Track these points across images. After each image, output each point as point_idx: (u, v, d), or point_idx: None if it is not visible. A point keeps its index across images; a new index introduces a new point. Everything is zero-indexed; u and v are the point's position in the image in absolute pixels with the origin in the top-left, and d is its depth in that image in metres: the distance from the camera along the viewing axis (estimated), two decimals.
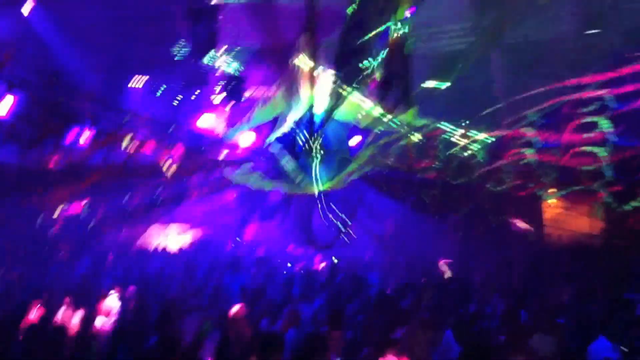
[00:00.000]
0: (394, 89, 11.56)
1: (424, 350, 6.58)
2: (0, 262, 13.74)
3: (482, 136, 13.29)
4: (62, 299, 10.19)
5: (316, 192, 15.72)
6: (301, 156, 14.37)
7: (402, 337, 7.16)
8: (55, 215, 14.15)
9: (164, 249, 18.72)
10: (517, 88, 12.45)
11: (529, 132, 12.66)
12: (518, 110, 12.79)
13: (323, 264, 15.28)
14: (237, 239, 18.57)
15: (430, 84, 12.71)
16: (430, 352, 6.71)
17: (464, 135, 13.46)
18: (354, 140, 14.97)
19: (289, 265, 15.65)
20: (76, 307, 9.60)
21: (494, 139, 13.33)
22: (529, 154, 12.83)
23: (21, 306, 9.54)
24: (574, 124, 12.28)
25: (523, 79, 12.37)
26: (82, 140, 10.11)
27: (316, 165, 14.54)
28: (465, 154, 13.56)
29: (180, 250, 19.10)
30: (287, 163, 14.44)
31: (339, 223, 16.81)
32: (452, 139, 13.62)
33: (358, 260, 16.41)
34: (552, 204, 15.21)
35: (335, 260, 14.83)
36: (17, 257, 14.09)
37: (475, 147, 13.40)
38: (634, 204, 12.38)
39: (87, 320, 9.03)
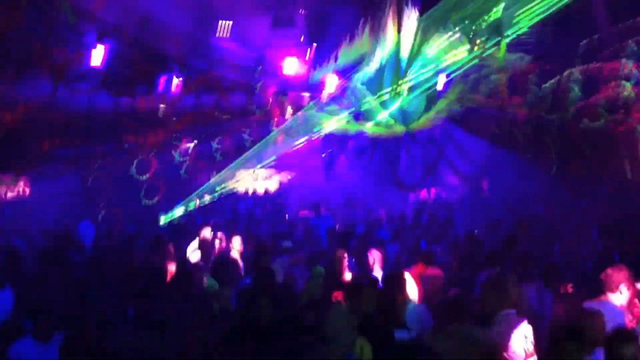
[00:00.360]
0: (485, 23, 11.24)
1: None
2: (99, 204, 14.36)
3: (578, 69, 12.73)
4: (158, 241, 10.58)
5: (403, 132, 15.60)
6: (388, 96, 14.20)
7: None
8: (148, 159, 14.55)
9: (253, 192, 19.09)
10: (618, 18, 11.84)
11: (629, 64, 12.04)
12: (617, 40, 12.18)
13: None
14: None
15: (522, 18, 12.24)
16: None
17: (558, 69, 12.93)
18: (442, 78, 14.64)
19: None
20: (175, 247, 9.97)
21: (591, 72, 12.76)
22: (629, 86, 12.23)
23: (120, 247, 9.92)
24: None
25: (623, 7, 11.73)
26: (173, 85, 10.28)
27: (403, 105, 14.37)
28: (560, 88, 13.05)
29: (268, 192, 19.41)
30: (373, 103, 14.31)
31: (427, 163, 16.69)
32: (546, 73, 13.12)
33: (446, 200, 16.29)
34: None
35: None
36: (114, 201, 14.67)
37: (571, 80, 12.87)
38: None
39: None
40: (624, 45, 12.23)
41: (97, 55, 9.95)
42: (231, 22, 15.99)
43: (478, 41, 11.50)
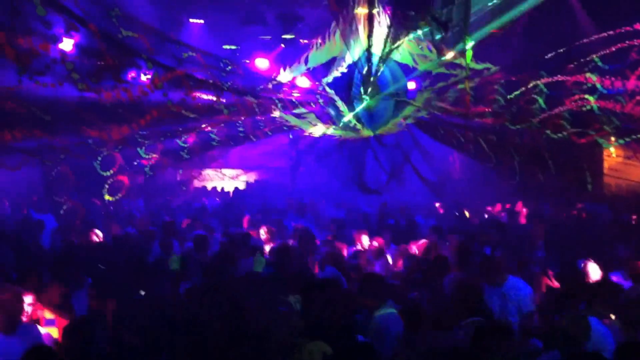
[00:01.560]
0: (452, 31, 11.32)
1: None
2: (61, 198, 14.19)
3: (543, 81, 12.95)
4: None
5: (369, 137, 15.65)
6: (356, 99, 14.24)
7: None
8: (113, 155, 14.42)
9: (221, 191, 19.07)
10: (583, 32, 12.07)
11: (593, 78, 12.28)
12: (582, 54, 12.41)
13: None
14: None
15: (489, 27, 12.38)
16: None
17: (524, 80, 13.14)
18: (411, 84, 14.77)
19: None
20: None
21: (555, 84, 12.99)
22: (592, 100, 12.47)
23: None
24: None
25: (589, 22, 11.98)
26: (142, 76, 10.20)
27: (371, 109, 14.42)
28: (525, 99, 13.26)
29: (236, 192, 19.40)
30: (342, 106, 14.34)
31: (392, 168, 16.78)
32: (512, 84, 13.32)
33: (409, 205, 16.46)
34: (612, 153, 14.89)
35: None
36: (77, 194, 14.51)
37: (535, 92, 13.08)
38: None
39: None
40: (588, 60, 12.47)
41: (64, 48, 9.83)
42: (202, 21, 15.98)
43: (445, 49, 11.60)
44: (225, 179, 20.52)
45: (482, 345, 4.83)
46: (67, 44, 9.90)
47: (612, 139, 13.53)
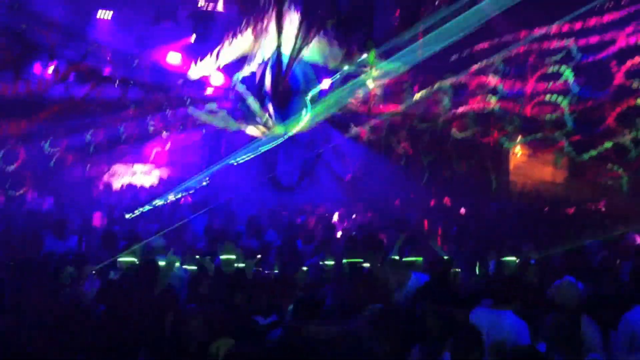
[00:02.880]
0: (359, 30, 11.52)
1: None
2: None
3: (447, 82, 13.32)
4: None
5: (282, 134, 15.71)
6: (267, 97, 14.28)
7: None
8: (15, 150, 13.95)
9: (128, 187, 18.66)
10: (484, 35, 12.45)
11: (494, 80, 12.73)
12: (485, 57, 12.83)
13: None
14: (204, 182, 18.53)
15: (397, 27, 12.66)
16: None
17: (430, 80, 13.48)
18: (323, 83, 14.90)
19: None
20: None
21: (459, 85, 13.38)
22: (494, 101, 12.92)
23: None
24: (539, 72, 12.38)
25: (489, 26, 12.36)
26: (44, 71, 9.95)
27: (282, 107, 14.49)
28: (431, 99, 13.61)
29: (145, 188, 19.04)
30: (253, 103, 14.36)
31: (305, 165, 16.89)
32: (419, 84, 13.63)
33: (322, 202, 16.57)
34: (515, 152, 15.45)
35: None
36: None
37: (441, 92, 13.44)
38: (592, 153, 12.61)
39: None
40: (491, 61, 12.90)
41: None
42: (111, 12, 15.60)
43: (353, 48, 11.80)
44: (137, 175, 20.12)
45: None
46: None
47: (515, 138, 14.01)
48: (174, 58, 15.13)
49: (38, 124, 11.63)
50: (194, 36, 14.89)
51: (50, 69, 9.80)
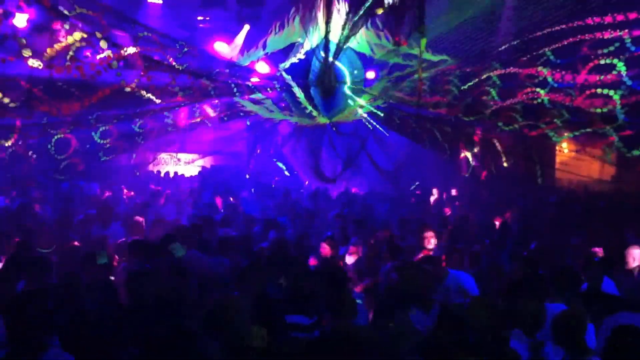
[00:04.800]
0: (408, 20, 11.42)
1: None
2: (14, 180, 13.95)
3: (496, 73, 13.13)
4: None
5: (327, 124, 15.74)
6: (313, 86, 14.30)
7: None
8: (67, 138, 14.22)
9: (175, 175, 18.90)
10: (535, 25, 12.23)
11: (544, 71, 12.49)
12: (535, 48, 12.60)
13: None
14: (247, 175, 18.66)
15: (446, 17, 12.51)
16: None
17: (477, 72, 13.30)
18: (369, 73, 14.86)
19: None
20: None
21: (508, 77, 13.17)
22: (543, 93, 12.69)
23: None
24: (590, 64, 12.11)
25: (541, 15, 12.13)
26: (97, 55, 10.08)
27: (328, 97, 14.49)
28: (478, 90, 13.43)
29: (191, 177, 19.26)
30: (299, 93, 14.38)
31: (348, 156, 16.91)
32: (466, 76, 13.46)
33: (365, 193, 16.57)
34: (563, 146, 15.19)
35: None
36: (31, 177, 14.26)
37: (488, 84, 13.26)
38: None
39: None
40: (540, 53, 12.66)
41: (17, 24, 9.66)
42: (161, 1, 15.77)
43: (401, 39, 11.70)
44: (181, 164, 20.38)
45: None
46: (20, 20, 9.71)
47: (563, 132, 13.75)
48: (221, 46, 15.24)
49: (90, 109, 11.80)
50: (246, 27, 14.95)
51: (104, 54, 9.90)
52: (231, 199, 14.31)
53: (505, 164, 15.26)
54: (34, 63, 9.34)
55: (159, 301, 5.37)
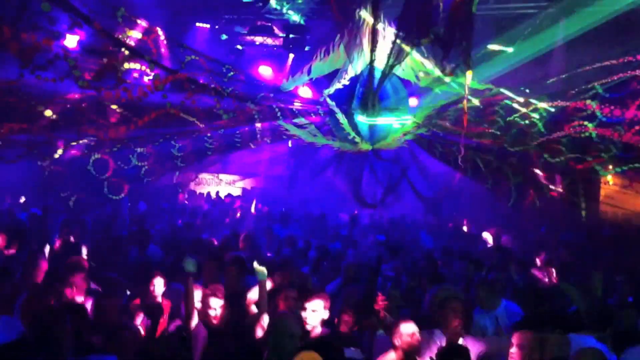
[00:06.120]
0: (455, 49, 11.33)
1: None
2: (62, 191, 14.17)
3: (543, 105, 12.96)
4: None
5: (369, 150, 15.66)
6: (357, 112, 14.26)
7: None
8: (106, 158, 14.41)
9: (215, 197, 19.04)
10: (585, 58, 12.07)
11: (593, 105, 12.29)
12: (583, 81, 12.42)
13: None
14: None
15: (494, 47, 12.41)
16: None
17: (524, 103, 13.14)
18: (413, 101, 14.79)
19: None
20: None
21: (555, 109, 12.99)
22: (591, 127, 12.47)
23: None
24: None
25: (592, 48, 11.97)
26: (145, 78, 10.22)
27: (371, 123, 14.43)
28: (525, 122, 13.26)
29: (231, 198, 19.38)
30: (342, 118, 14.35)
31: (389, 182, 16.77)
32: (512, 106, 13.31)
33: (405, 221, 16.43)
34: (609, 181, 14.90)
35: None
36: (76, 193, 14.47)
37: (535, 115, 13.08)
38: None
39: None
40: (589, 87, 12.48)
41: (68, 44, 9.87)
42: (209, 26, 16.02)
43: (447, 68, 11.60)
44: (222, 184, 20.52)
45: None
46: (70, 41, 9.93)
47: (610, 166, 13.50)
48: (265, 70, 15.36)
49: (137, 131, 11.97)
50: (291, 56, 15.08)
51: (150, 77, 10.04)
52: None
53: (549, 196, 15.01)
54: (83, 84, 9.48)
55: None
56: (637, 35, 12.39)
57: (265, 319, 6.55)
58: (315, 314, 6.62)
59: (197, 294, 6.99)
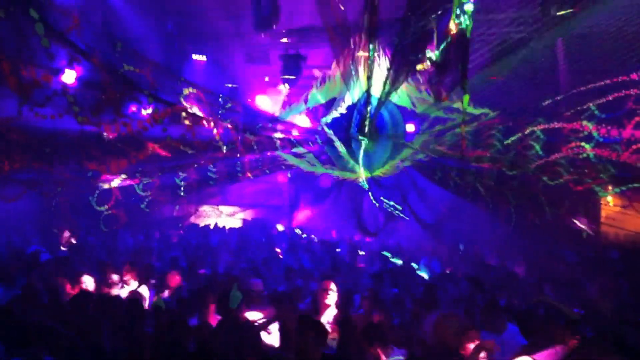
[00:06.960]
0: (450, 74, 11.41)
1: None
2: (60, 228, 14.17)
3: (540, 127, 13.02)
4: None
5: (367, 178, 15.70)
6: (355, 140, 14.34)
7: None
8: (110, 190, 14.45)
9: (215, 227, 18.98)
10: (580, 79, 12.14)
11: (589, 126, 12.34)
12: (579, 102, 12.49)
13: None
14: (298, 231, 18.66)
15: (488, 71, 12.48)
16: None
17: (521, 126, 13.21)
18: (410, 127, 14.88)
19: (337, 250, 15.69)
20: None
21: (552, 131, 13.05)
22: (588, 148, 12.51)
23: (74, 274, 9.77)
24: (636, 119, 11.94)
25: (587, 70, 12.04)
26: (143, 111, 10.27)
27: (369, 150, 14.51)
28: (522, 145, 13.31)
29: (231, 229, 19.33)
30: (340, 147, 14.43)
31: (389, 209, 16.79)
32: (509, 129, 13.38)
33: (407, 248, 16.37)
34: (609, 201, 14.89)
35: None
36: (73, 226, 14.48)
37: (532, 138, 13.14)
38: None
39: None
40: (585, 108, 12.53)
41: (66, 80, 9.92)
42: (205, 57, 16.15)
43: (443, 93, 11.69)
44: (222, 216, 20.51)
45: None
46: (69, 76, 9.97)
47: (609, 187, 13.51)
48: (262, 101, 15.47)
49: (137, 164, 12.01)
50: (286, 86, 15.20)
51: (149, 110, 10.10)
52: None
53: (549, 218, 15.00)
54: (83, 120, 9.53)
55: None
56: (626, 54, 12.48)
57: None
58: None
59: None
